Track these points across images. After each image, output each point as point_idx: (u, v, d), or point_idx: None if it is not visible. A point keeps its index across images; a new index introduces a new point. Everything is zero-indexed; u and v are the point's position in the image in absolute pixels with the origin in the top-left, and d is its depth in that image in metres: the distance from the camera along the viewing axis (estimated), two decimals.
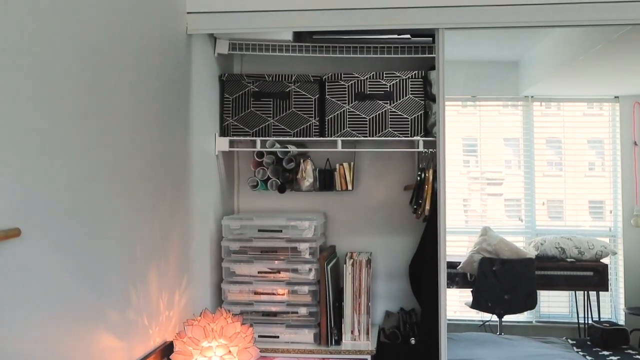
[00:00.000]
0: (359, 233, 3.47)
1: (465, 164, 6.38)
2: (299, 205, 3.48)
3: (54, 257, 1.78)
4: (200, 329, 2.36)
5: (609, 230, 5.99)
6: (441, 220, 2.80)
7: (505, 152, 6.39)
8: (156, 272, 2.50)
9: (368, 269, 3.07)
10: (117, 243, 2.17)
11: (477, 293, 5.29)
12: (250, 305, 3.07)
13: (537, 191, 6.11)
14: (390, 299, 3.46)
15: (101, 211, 2.06)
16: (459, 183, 6.26)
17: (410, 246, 3.40)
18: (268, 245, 3.08)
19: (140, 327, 2.37)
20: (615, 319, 5.69)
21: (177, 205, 2.74)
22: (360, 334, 3.05)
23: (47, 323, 1.75)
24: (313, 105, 3.22)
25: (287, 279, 3.06)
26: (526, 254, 5.44)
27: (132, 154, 2.28)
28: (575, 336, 5.43)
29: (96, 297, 2.03)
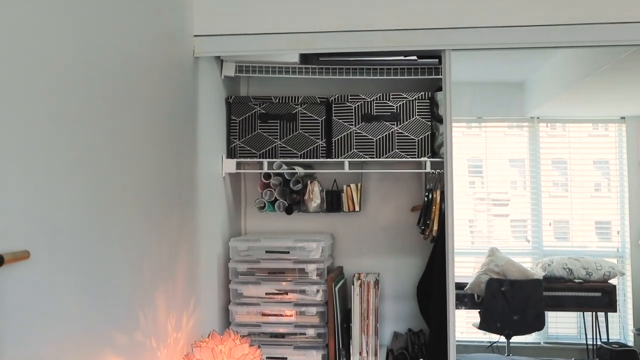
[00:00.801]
0: (366, 254, 3.47)
1: (471, 185, 6.38)
2: (306, 227, 3.48)
3: (62, 279, 1.78)
4: (209, 351, 2.35)
5: (617, 250, 5.97)
6: (449, 240, 2.80)
7: (511, 173, 6.38)
8: (164, 293, 2.50)
9: (376, 290, 3.06)
10: (125, 265, 2.17)
11: (485, 314, 5.27)
12: (258, 327, 3.06)
13: (543, 212, 6.10)
14: (398, 320, 3.45)
15: (109, 233, 2.06)
16: (465, 204, 6.26)
17: (418, 267, 3.40)
18: (275, 267, 3.08)
19: (148, 349, 2.36)
20: (624, 339, 5.65)
21: (185, 227, 2.75)
22: (369, 355, 3.04)
23: (55, 346, 1.75)
24: (320, 127, 3.24)
25: (295, 300, 3.05)
26: (534, 274, 5.42)
27: (139, 176, 2.29)
28: (584, 357, 5.39)
29: (104, 320, 2.03)
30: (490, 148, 6.24)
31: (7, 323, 1.53)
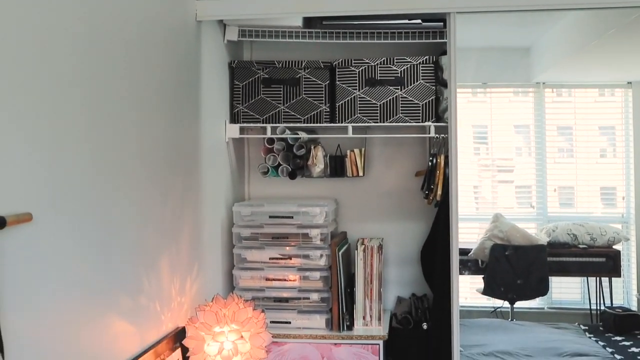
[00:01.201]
0: (370, 219, 3.47)
1: (475, 152, 6.35)
2: (310, 192, 3.47)
3: (65, 242, 1.79)
4: (212, 315, 2.37)
5: (622, 216, 5.96)
6: (453, 205, 2.79)
7: (516, 140, 6.35)
8: (168, 258, 2.51)
9: (380, 255, 3.07)
10: (128, 228, 2.17)
11: (489, 279, 5.28)
12: (262, 292, 3.08)
13: (548, 178, 6.08)
14: (402, 284, 3.46)
15: (112, 197, 2.06)
16: (469, 170, 6.24)
17: (421, 232, 3.40)
18: (279, 232, 3.08)
19: (152, 312, 2.38)
20: (628, 304, 5.66)
21: (188, 192, 2.75)
22: (372, 319, 3.05)
23: (60, 308, 1.76)
24: (323, 92, 3.21)
25: (299, 265, 3.06)
26: (538, 240, 5.43)
27: (142, 141, 2.28)
28: (588, 322, 5.41)
29: (108, 283, 2.04)
30: (495, 114, 6.20)
31: (11, 285, 1.54)
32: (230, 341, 2.36)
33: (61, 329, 1.77)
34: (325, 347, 2.97)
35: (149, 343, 2.34)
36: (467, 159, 6.28)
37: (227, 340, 2.35)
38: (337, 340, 2.97)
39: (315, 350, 2.97)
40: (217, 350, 2.35)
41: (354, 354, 2.95)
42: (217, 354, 2.36)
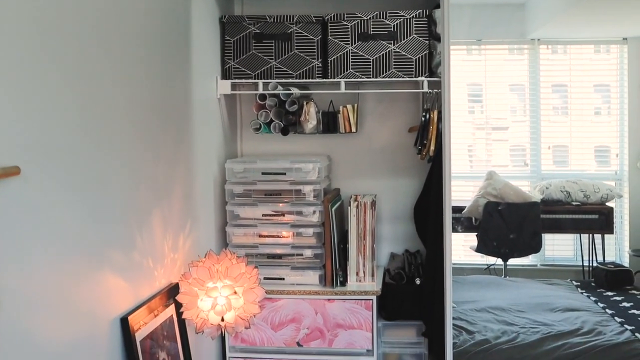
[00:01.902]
0: (363, 176, 3.45)
1: (470, 111, 6.34)
2: (303, 149, 3.46)
3: (55, 197, 1.77)
4: (205, 270, 2.37)
5: (615, 173, 5.97)
6: (446, 160, 2.78)
7: (510, 99, 6.34)
8: (160, 214, 2.50)
9: (373, 211, 3.06)
10: (119, 185, 2.16)
11: (482, 236, 5.31)
12: (255, 248, 3.08)
13: (542, 137, 6.09)
14: (395, 241, 3.47)
15: (103, 153, 2.04)
16: (464, 130, 6.24)
17: (415, 188, 3.39)
18: (272, 188, 3.07)
19: (145, 268, 2.38)
20: (620, 261, 5.72)
21: (180, 149, 2.72)
22: (365, 275, 3.06)
23: (52, 263, 1.75)
24: (315, 47, 3.17)
25: (292, 221, 3.06)
26: (531, 197, 5.44)
27: (132, 95, 2.25)
28: (580, 278, 5.46)
29: (100, 238, 2.03)
30: (490, 74, 6.18)
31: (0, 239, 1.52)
32: (224, 296, 2.36)
33: (54, 284, 1.77)
34: (319, 302, 2.98)
35: (142, 298, 2.34)
36: (462, 119, 6.27)
37: (220, 295, 2.36)
38: (331, 296, 2.98)
39: (309, 306, 2.99)
40: (210, 305, 2.36)
41: (347, 309, 2.97)
42: (211, 309, 2.36)
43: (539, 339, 3.61)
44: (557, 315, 4.02)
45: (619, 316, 3.95)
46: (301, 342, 3.00)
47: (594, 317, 3.95)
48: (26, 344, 1.64)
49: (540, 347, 3.53)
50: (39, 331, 1.70)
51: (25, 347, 1.64)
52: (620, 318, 3.91)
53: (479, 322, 3.90)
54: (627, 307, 4.14)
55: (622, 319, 3.89)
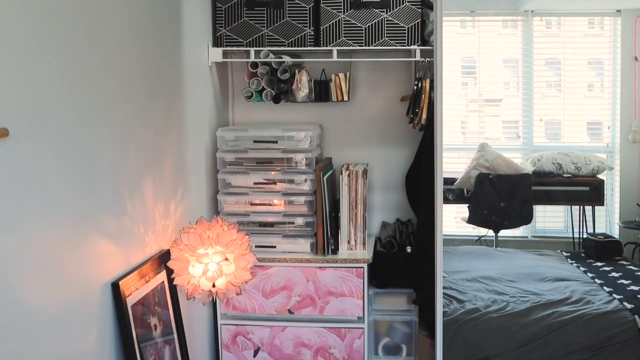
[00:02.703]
0: (355, 145, 3.45)
1: (463, 86, 6.33)
2: (295, 117, 3.45)
3: (45, 161, 1.76)
4: (197, 236, 2.37)
5: (607, 146, 5.99)
6: (438, 128, 2.78)
7: (503, 73, 6.32)
8: (151, 181, 2.50)
9: (364, 180, 3.07)
10: (109, 150, 2.15)
11: (474, 207, 5.33)
12: (247, 216, 3.08)
13: (535, 112, 6.09)
14: (386, 210, 3.47)
15: (92, 117, 2.03)
16: (457, 104, 6.23)
17: (407, 158, 3.40)
18: (263, 156, 3.07)
19: (136, 234, 2.38)
20: (610, 232, 5.76)
21: (171, 116, 2.71)
22: (357, 243, 3.07)
23: (41, 226, 1.75)
24: (308, 14, 3.15)
25: (283, 189, 3.06)
26: (523, 169, 5.46)
27: (122, 61, 2.23)
28: (570, 250, 5.49)
29: (90, 204, 2.03)
30: (484, 48, 6.15)
31: None
32: (215, 262, 2.37)
33: (44, 248, 1.77)
34: (310, 270, 3.00)
35: (133, 264, 2.34)
36: (455, 93, 6.26)
37: (211, 261, 2.36)
38: (322, 264, 2.99)
39: (301, 273, 3.00)
40: (201, 271, 2.37)
41: (338, 277, 2.98)
42: (202, 275, 2.37)
43: (529, 307, 3.64)
44: (547, 285, 4.05)
45: (607, 286, 3.99)
46: (292, 310, 3.02)
47: (583, 286, 3.98)
48: (17, 308, 1.65)
49: (530, 315, 3.56)
50: (30, 295, 1.71)
51: (17, 311, 1.64)
52: (609, 287, 3.95)
53: (469, 291, 3.93)
54: (616, 277, 4.17)
55: (611, 288, 3.93)
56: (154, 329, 2.42)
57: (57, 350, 1.83)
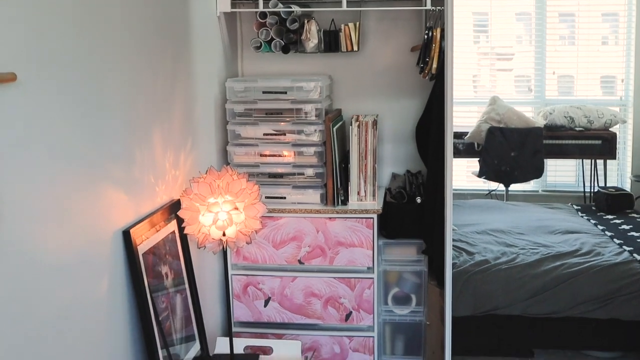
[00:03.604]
0: (365, 96, 3.43)
1: (475, 41, 6.24)
2: (304, 68, 3.42)
3: (53, 107, 1.76)
4: (207, 186, 2.37)
5: (620, 99, 5.92)
6: (448, 77, 2.75)
7: (516, 27, 6.23)
8: (160, 131, 2.49)
9: (374, 131, 3.05)
10: (117, 99, 2.15)
11: (485, 161, 5.30)
12: (257, 167, 3.08)
13: (547, 66, 6.01)
14: (396, 161, 3.46)
15: (101, 64, 2.02)
16: (468, 59, 6.16)
17: (417, 109, 3.37)
18: (273, 107, 3.05)
19: (146, 184, 2.39)
20: (622, 186, 5.73)
21: (179, 67, 2.70)
22: (367, 194, 3.07)
23: (50, 173, 1.76)
24: None
25: (293, 140, 3.05)
26: (534, 122, 5.42)
27: (130, 11, 2.22)
28: (581, 203, 5.48)
29: (99, 152, 2.03)
30: (496, 2, 6.05)
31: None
32: (225, 212, 2.37)
33: (54, 195, 1.77)
34: (320, 221, 3.01)
35: (144, 213, 2.36)
36: (467, 48, 6.18)
37: (221, 210, 2.37)
38: (332, 215, 3.00)
39: (310, 224, 3.01)
40: (211, 220, 2.38)
41: (348, 227, 2.99)
42: (212, 224, 2.38)
43: (538, 259, 3.65)
44: (557, 237, 4.05)
45: (618, 238, 3.98)
46: (302, 260, 3.04)
47: (593, 238, 3.98)
48: (29, 255, 1.66)
49: (539, 267, 3.57)
50: (41, 243, 1.72)
51: (28, 258, 1.66)
52: (619, 240, 3.95)
53: (479, 243, 3.94)
54: (627, 230, 4.17)
55: (621, 240, 3.93)
56: (165, 277, 2.45)
57: (69, 298, 1.85)
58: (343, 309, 3.05)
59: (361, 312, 3.04)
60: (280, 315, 3.08)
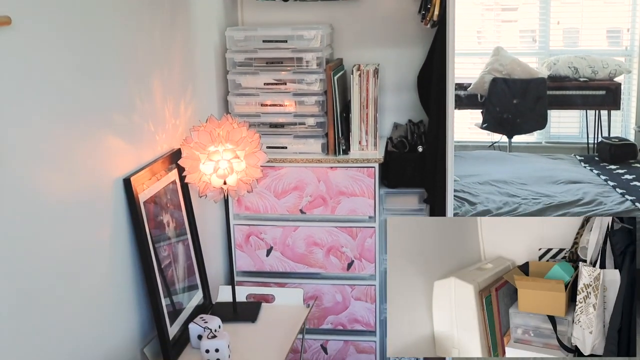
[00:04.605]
0: (366, 45, 3.39)
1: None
2: (305, 17, 3.37)
3: (50, 51, 1.75)
4: (207, 134, 2.37)
5: (625, 49, 5.86)
6: (450, 23, 2.71)
7: None
8: (159, 79, 2.48)
9: (375, 79, 3.03)
10: (116, 44, 2.13)
11: (488, 112, 5.28)
12: (258, 117, 3.07)
13: (552, 18, 5.93)
14: (398, 111, 3.44)
15: (98, 9, 2.00)
16: (472, 12, 6.07)
17: (419, 58, 3.33)
18: (273, 56, 3.02)
19: (146, 132, 2.38)
20: (625, 137, 5.70)
21: (177, 15, 2.67)
22: (368, 144, 3.06)
23: (49, 118, 1.75)
24: None
25: (294, 90, 3.03)
26: (538, 73, 5.38)
27: None
28: (584, 153, 5.47)
29: (98, 98, 2.02)
30: None
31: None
32: (226, 160, 2.37)
33: (53, 139, 1.77)
34: (322, 170, 3.00)
35: (144, 162, 2.35)
36: (470, 1, 6.09)
37: (222, 159, 2.37)
38: (333, 164, 2.99)
39: (312, 174, 3.01)
40: (212, 169, 2.38)
41: (350, 177, 2.99)
42: (213, 172, 2.38)
43: (540, 209, 3.66)
44: (559, 188, 4.06)
45: (620, 187, 3.99)
46: (304, 210, 3.04)
47: (595, 188, 3.99)
48: (29, 199, 1.66)
49: (541, 216, 3.58)
50: (41, 187, 1.72)
51: (29, 202, 1.66)
52: (621, 189, 3.95)
53: (481, 194, 3.95)
54: (629, 179, 4.17)
55: (624, 190, 3.93)
56: (167, 226, 2.45)
57: (70, 245, 1.86)
58: (345, 258, 3.06)
59: (363, 261, 3.06)
60: (282, 265, 3.10)
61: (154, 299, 2.25)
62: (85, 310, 1.94)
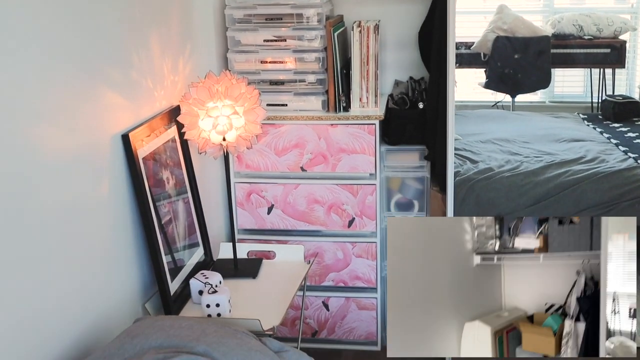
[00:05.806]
0: (367, 1, 3.34)
1: None
2: None
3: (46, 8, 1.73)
4: (205, 90, 2.36)
5: (631, 7, 5.79)
6: None
7: None
8: (157, 36, 2.46)
9: (376, 35, 2.99)
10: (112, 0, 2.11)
11: (491, 71, 5.24)
12: (258, 74, 3.04)
13: None
14: (399, 68, 3.41)
15: None
16: None
17: (420, 14, 3.29)
18: (273, 12, 2.98)
19: (144, 88, 2.37)
20: (630, 95, 5.66)
21: None
22: (369, 101, 3.04)
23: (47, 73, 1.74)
24: None
25: (294, 46, 3.00)
26: (542, 31, 5.32)
27: None
28: (588, 112, 5.43)
29: (95, 54, 2.00)
30: None
31: None
32: (225, 116, 2.36)
33: (50, 93, 1.76)
34: (322, 127, 2.99)
35: (143, 118, 2.34)
36: None
37: (221, 115, 2.36)
38: (334, 121, 2.97)
39: (312, 131, 2.99)
40: (211, 125, 2.37)
41: (350, 134, 2.98)
42: (212, 129, 2.37)
43: (542, 167, 3.65)
44: (562, 146, 4.04)
45: (623, 145, 3.97)
46: (305, 167, 3.04)
47: (598, 146, 3.97)
48: (30, 155, 1.66)
49: (543, 174, 3.58)
50: (39, 141, 1.72)
51: (27, 153, 1.66)
52: (624, 147, 3.93)
53: (483, 152, 3.93)
54: (632, 137, 4.15)
55: (626, 147, 3.91)
56: (167, 183, 2.45)
57: (71, 198, 1.87)
58: (346, 215, 3.06)
59: (364, 219, 3.06)
60: (283, 222, 3.10)
61: (154, 254, 2.26)
62: (87, 267, 1.95)
